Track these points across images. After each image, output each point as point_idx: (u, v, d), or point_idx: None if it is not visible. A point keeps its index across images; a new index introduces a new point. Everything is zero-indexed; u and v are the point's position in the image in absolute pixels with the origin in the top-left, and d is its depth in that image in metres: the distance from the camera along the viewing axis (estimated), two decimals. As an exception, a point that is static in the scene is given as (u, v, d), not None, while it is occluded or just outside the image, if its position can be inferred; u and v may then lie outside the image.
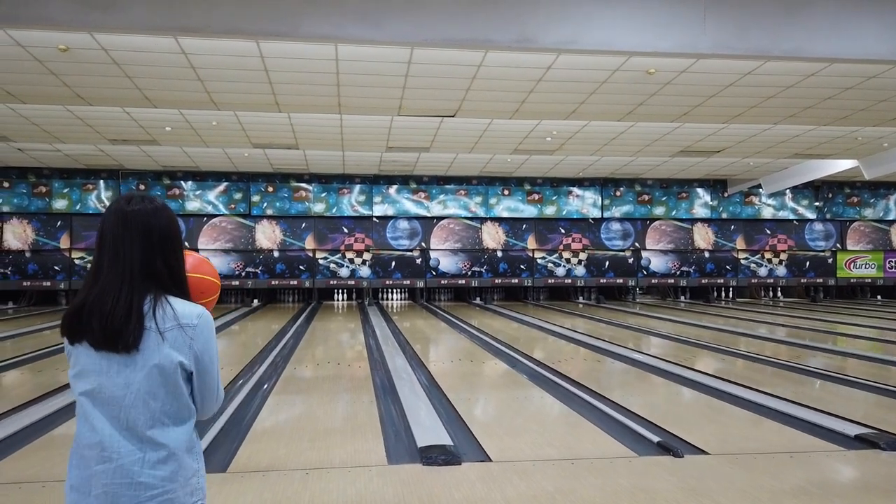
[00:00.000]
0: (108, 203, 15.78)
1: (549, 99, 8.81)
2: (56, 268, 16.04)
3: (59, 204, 15.82)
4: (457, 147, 12.76)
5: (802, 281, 18.67)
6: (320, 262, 17.05)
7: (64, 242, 15.98)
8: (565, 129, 11.02)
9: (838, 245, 18.60)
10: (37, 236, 15.88)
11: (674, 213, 17.89)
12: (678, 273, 18.18)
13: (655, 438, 4.45)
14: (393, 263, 17.30)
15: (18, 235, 15.82)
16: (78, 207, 15.87)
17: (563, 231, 17.70)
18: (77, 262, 16.08)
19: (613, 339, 9.95)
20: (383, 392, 6.14)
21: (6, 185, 15.56)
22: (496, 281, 17.64)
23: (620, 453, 4.20)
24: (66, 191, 15.81)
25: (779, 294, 19.25)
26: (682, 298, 18.70)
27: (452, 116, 9.72)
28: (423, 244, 17.30)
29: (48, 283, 16.02)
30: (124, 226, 1.56)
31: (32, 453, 4.20)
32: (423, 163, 14.78)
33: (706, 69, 7.77)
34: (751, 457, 4.11)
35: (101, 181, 15.92)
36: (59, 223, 15.96)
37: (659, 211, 17.84)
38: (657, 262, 18.13)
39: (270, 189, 16.58)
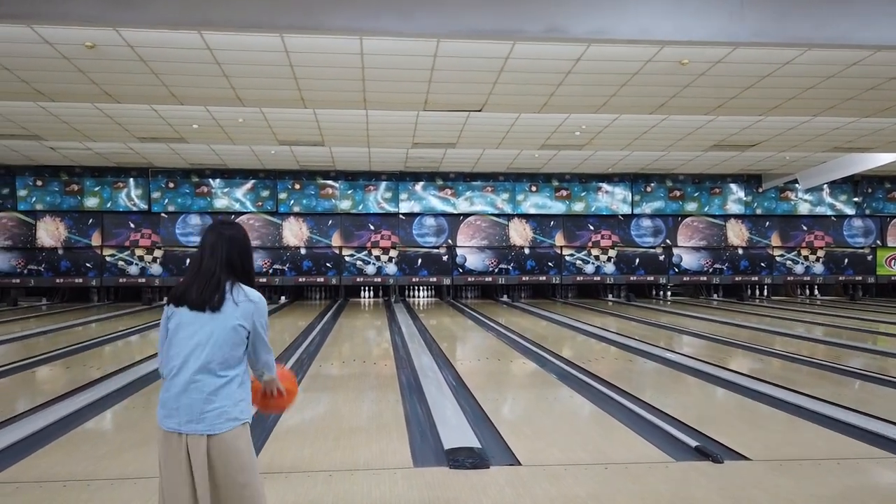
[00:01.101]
0: (137, 201, 16.02)
1: (578, 92, 8.61)
2: (88, 265, 16.27)
3: (91, 202, 16.03)
4: (483, 143, 12.60)
5: (840, 279, 18.13)
6: (347, 259, 17.03)
7: (95, 240, 16.20)
8: (595, 124, 10.79)
9: (878, 242, 18.00)
10: (69, 234, 16.13)
11: (706, 209, 17.48)
12: (711, 270, 17.78)
13: (693, 442, 4.26)
14: (419, 261, 17.21)
15: (51, 233, 16.08)
16: (109, 205, 16.09)
17: (591, 228, 17.43)
18: (108, 259, 16.29)
19: (645, 337, 9.70)
20: (409, 391, 6.02)
21: (39, 183, 15.82)
22: (524, 278, 17.44)
23: (656, 458, 4.02)
24: (97, 189, 16.02)
25: (815, 292, 18.70)
26: (715, 296, 18.29)
27: (479, 111, 9.57)
28: (449, 241, 17.17)
29: (80, 280, 16.26)
30: (219, 238, 2.40)
31: (55, 451, 4.17)
32: (450, 159, 14.65)
33: (742, 59, 7.50)
34: (795, 463, 3.90)
35: (132, 179, 16.10)
36: (90, 221, 16.19)
37: (691, 207, 17.45)
38: (689, 260, 17.75)
39: (297, 186, 16.60)
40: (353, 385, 6.32)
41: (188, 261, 16.37)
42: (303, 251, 16.84)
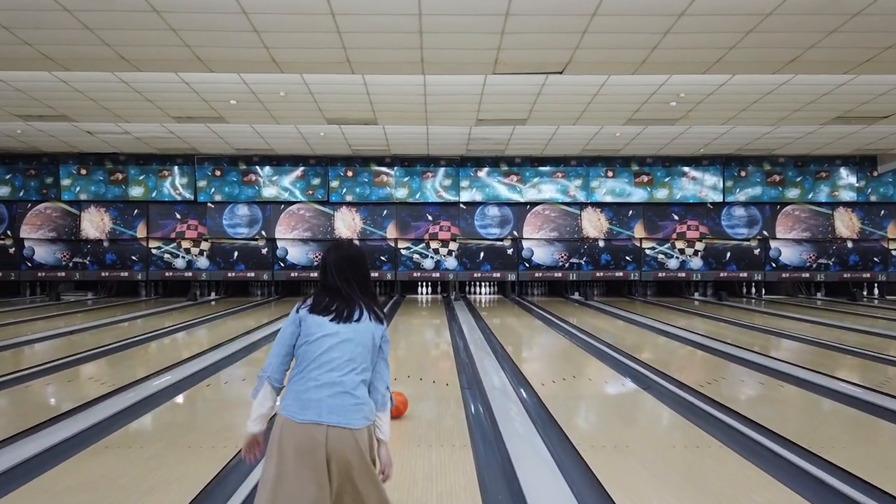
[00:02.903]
0: (182, 190, 15.16)
1: (688, 43, 6.87)
2: (133, 258, 15.48)
3: (136, 191, 15.19)
4: (559, 118, 10.95)
5: (970, 276, 15.62)
6: (403, 252, 15.68)
7: (141, 231, 15.37)
8: (697, 89, 8.97)
9: None
10: (114, 225, 15.34)
11: (810, 195, 15.27)
12: (814, 266, 15.57)
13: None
14: (481, 254, 15.70)
15: (96, 224, 15.33)
16: (154, 195, 15.21)
17: (676, 218, 15.49)
18: (154, 251, 15.45)
19: (755, 346, 7.91)
20: (478, 424, 4.57)
21: (83, 172, 15.06)
22: (597, 274, 15.69)
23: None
24: (141, 178, 15.16)
25: (938, 291, 16.22)
26: (819, 295, 16.07)
27: (560, 73, 7.95)
28: (514, 233, 15.58)
29: (126, 274, 15.48)
30: (343, 257, 2.54)
31: (60, 477, 2.88)
32: (517, 140, 13.04)
33: (920, -13, 5.65)
34: None
35: (176, 167, 15.16)
36: (135, 211, 15.37)
37: (792, 194, 15.27)
38: (789, 254, 15.59)
39: (350, 174, 15.33)
40: (408, 417, 4.86)
41: (239, 254, 15.38)
42: (356, 243, 15.57)
